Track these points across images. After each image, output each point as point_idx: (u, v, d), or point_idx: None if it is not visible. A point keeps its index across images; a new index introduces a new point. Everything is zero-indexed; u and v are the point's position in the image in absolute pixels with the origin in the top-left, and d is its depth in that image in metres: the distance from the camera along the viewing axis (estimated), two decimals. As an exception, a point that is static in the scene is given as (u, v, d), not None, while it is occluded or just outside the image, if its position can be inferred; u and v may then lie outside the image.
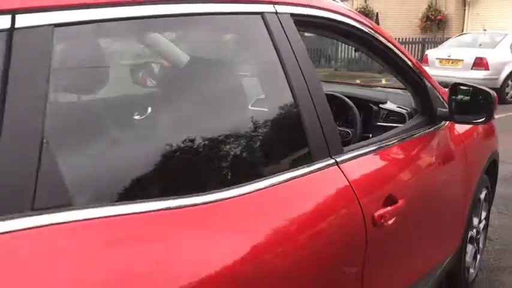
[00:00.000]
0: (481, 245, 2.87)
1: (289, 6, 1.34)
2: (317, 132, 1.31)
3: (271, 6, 1.27)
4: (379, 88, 3.48)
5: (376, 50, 1.82)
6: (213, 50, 1.34)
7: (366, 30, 1.68)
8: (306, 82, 1.30)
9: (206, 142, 1.08)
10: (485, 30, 10.95)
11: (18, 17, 0.75)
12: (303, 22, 1.39)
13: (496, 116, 3.54)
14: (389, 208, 1.45)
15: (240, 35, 1.35)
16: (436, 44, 13.97)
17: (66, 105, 0.99)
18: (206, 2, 1.11)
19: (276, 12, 1.28)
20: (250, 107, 1.42)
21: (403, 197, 1.55)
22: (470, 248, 2.66)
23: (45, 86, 0.76)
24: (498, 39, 10.06)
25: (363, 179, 1.43)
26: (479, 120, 1.97)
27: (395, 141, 1.74)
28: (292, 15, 1.33)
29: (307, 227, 1.16)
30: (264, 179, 1.12)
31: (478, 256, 2.85)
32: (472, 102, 1.98)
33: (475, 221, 2.66)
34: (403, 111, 2.20)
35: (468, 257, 2.64)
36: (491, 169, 2.76)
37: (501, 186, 4.46)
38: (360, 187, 1.37)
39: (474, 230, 2.68)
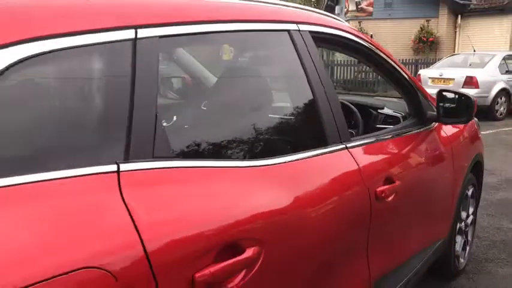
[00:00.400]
0: (469, 238, 3.20)
1: (307, 25, 1.71)
2: (331, 123, 1.67)
3: (295, 25, 1.65)
4: (376, 97, 3.85)
5: (375, 62, 2.20)
6: (259, 58, 1.71)
7: (367, 45, 2.06)
8: (322, 85, 1.66)
9: (259, 126, 1.47)
10: (474, 51, 11.46)
11: (139, 30, 1.11)
12: (318, 38, 1.76)
13: (486, 132, 3.85)
14: (388, 186, 1.80)
15: (274, 47, 1.71)
16: (428, 64, 14.53)
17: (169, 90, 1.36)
18: (250, 22, 1.48)
19: (299, 30, 1.65)
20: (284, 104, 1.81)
21: (399, 179, 1.91)
22: (459, 239, 3.00)
23: (156, 75, 1.11)
24: (487, 60, 10.54)
25: (367, 161, 1.78)
26: (462, 120, 2.34)
27: (392, 136, 2.10)
28: (310, 32, 1.71)
29: (328, 193, 1.52)
30: (298, 153, 1.49)
31: (467, 248, 3.18)
32: (456, 106, 2.35)
33: (463, 214, 3.00)
34: (398, 115, 2.56)
35: (458, 247, 2.98)
36: (477, 169, 3.11)
37: (491, 194, 4.83)
38: (365, 167, 1.73)
39: (463, 223, 3.02)
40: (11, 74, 0.88)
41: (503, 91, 10.21)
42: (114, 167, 0.98)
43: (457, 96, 2.39)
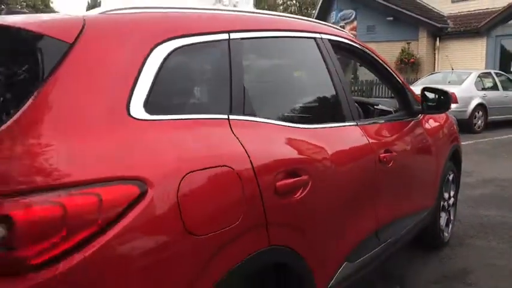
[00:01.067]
0: (451, 217, 3.81)
1: (327, 35, 2.34)
2: (346, 107, 2.28)
3: (319, 34, 2.27)
4: (371, 98, 4.52)
5: (374, 66, 2.83)
6: (298, 55, 2.32)
7: (369, 53, 2.70)
8: (340, 79, 2.28)
9: (309, 104, 2.11)
10: (453, 69, 12.32)
11: (231, 34, 1.71)
12: (333, 44, 2.38)
13: (465, 143, 4.56)
14: (388, 154, 2.41)
15: (306, 49, 2.32)
16: (410, 83, 15.38)
17: (255, 76, 1.94)
18: (293, 31, 2.11)
19: (321, 38, 2.28)
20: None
21: (395, 151, 2.52)
22: (443, 215, 3.60)
23: (241, 62, 1.71)
24: (464, 77, 11.37)
25: (372, 135, 2.39)
26: (441, 111, 2.98)
27: (386, 121, 2.73)
28: (328, 40, 2.33)
29: (350, 150, 2.15)
30: (331, 123, 2.15)
31: (450, 225, 3.79)
32: (437, 100, 2.99)
33: (446, 195, 3.62)
34: (390, 109, 3.19)
35: (442, 222, 3.59)
36: (456, 158, 3.74)
37: (470, 190, 5.48)
38: (371, 138, 2.34)
39: (446, 202, 3.63)
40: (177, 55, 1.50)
41: (480, 106, 11.02)
42: (226, 116, 1.58)
43: (436, 93, 3.02)
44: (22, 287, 1.00)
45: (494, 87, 11.86)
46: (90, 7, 69.73)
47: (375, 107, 3.24)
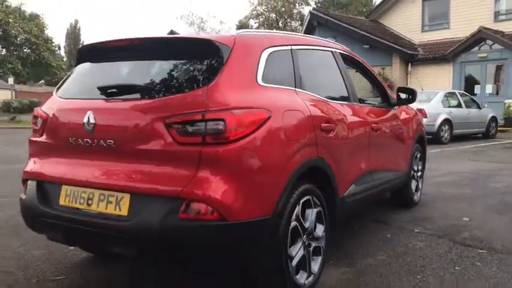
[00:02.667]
0: (420, 186, 5.22)
1: (338, 50, 3.75)
2: (352, 94, 3.67)
3: (333, 49, 3.68)
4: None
5: (365, 73, 4.25)
6: (323, 61, 3.68)
7: (362, 62, 4.13)
8: (349, 81, 3.68)
9: (333, 89, 3.51)
10: (422, 89, 13.98)
11: (293, 46, 3.08)
12: (342, 56, 3.78)
13: (434, 150, 6.30)
14: (376, 125, 3.81)
15: (325, 59, 3.69)
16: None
17: (304, 70, 3.28)
18: (319, 46, 3.51)
19: (335, 51, 3.68)
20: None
21: (381, 124, 3.92)
22: (413, 182, 5.01)
23: (298, 63, 3.07)
24: (432, 96, 13.02)
25: (366, 113, 3.78)
26: (411, 102, 4.40)
27: (375, 106, 4.14)
28: (339, 53, 3.74)
29: (356, 119, 3.54)
30: (345, 102, 3.56)
31: (419, 192, 5.19)
32: (407, 96, 4.41)
33: (415, 167, 5.03)
34: (375, 103, 4.60)
35: (413, 186, 4.98)
36: (421, 142, 5.16)
37: (435, 178, 6.92)
38: (366, 114, 3.73)
39: (415, 173, 5.03)
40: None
41: (446, 121, 12.65)
42: (294, 88, 2.93)
43: (407, 91, 4.45)
44: (227, 148, 2.31)
45: (459, 105, 13.56)
46: (70, 33, 71.01)
47: (364, 101, 4.65)
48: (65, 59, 43.67)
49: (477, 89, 18.80)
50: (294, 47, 3.11)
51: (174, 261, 2.61)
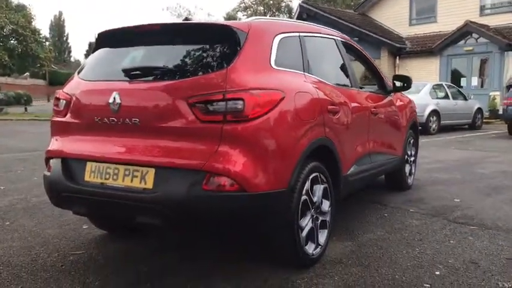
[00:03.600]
0: (413, 170, 5.47)
1: (339, 38, 3.95)
2: (353, 80, 3.89)
3: (335, 37, 3.88)
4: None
5: (364, 60, 4.47)
6: (327, 47, 3.88)
7: (361, 51, 4.34)
8: (351, 68, 3.89)
9: (336, 74, 3.72)
10: (411, 82, 14.29)
11: (300, 33, 3.27)
12: (343, 44, 3.99)
13: (423, 140, 6.64)
14: (375, 109, 4.03)
15: (329, 46, 3.89)
16: (374, 95, 17.35)
17: (310, 55, 3.47)
18: (323, 33, 3.70)
19: (337, 39, 3.89)
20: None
21: (377, 111, 4.14)
22: (407, 166, 5.26)
23: (306, 50, 3.26)
24: (420, 88, 13.32)
25: (367, 97, 4.00)
26: (406, 89, 4.63)
27: (373, 92, 4.36)
28: (341, 41, 3.95)
29: (358, 103, 3.75)
30: (348, 87, 3.76)
31: (412, 176, 5.45)
32: (402, 83, 4.64)
33: (409, 152, 5.27)
34: (372, 90, 4.83)
35: (407, 170, 5.24)
36: (414, 128, 5.41)
37: (426, 165, 7.19)
38: (366, 99, 3.95)
39: (408, 158, 5.28)
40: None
41: (434, 112, 12.99)
42: (303, 72, 3.13)
43: (402, 78, 4.68)
44: (246, 126, 2.50)
45: (446, 97, 13.91)
46: (54, 25, 69.96)
47: (362, 88, 4.88)
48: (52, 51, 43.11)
49: (463, 81, 19.23)
50: (301, 34, 3.31)
51: (197, 228, 2.80)
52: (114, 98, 2.70)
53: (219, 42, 2.78)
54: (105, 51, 3.14)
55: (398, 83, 4.71)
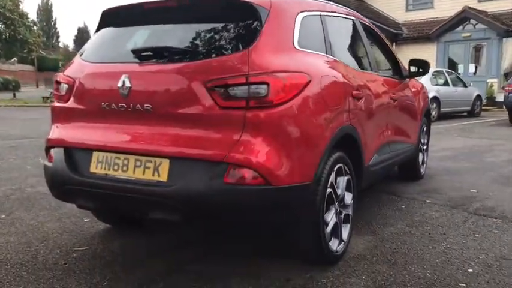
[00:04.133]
0: (425, 158, 5.28)
1: (359, 19, 3.70)
2: (373, 63, 3.65)
3: (354, 18, 3.63)
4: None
5: (380, 43, 4.22)
6: (346, 28, 3.63)
7: (379, 34, 4.09)
8: (370, 50, 3.64)
9: (356, 56, 3.47)
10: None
11: (322, 12, 3.01)
12: (362, 25, 3.74)
13: None
14: (393, 95, 3.81)
15: (349, 27, 3.64)
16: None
17: (332, 35, 3.22)
18: (343, 14, 3.45)
19: (356, 20, 3.64)
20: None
21: (396, 97, 3.91)
22: (421, 155, 5.06)
23: (328, 30, 3.01)
24: (420, 74, 13.14)
25: (386, 84, 3.77)
26: (422, 74, 4.40)
27: (389, 77, 4.12)
28: (360, 22, 3.70)
29: (379, 87, 3.52)
30: (368, 71, 3.51)
31: (424, 165, 5.25)
32: (419, 67, 4.41)
33: (422, 140, 5.07)
34: (388, 75, 4.60)
35: (420, 160, 5.04)
36: (428, 115, 5.21)
37: (435, 153, 7.02)
38: (387, 86, 3.72)
39: (422, 146, 5.08)
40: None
41: (434, 99, 12.79)
42: (325, 54, 2.88)
43: (419, 62, 4.44)
44: (270, 112, 2.26)
45: (446, 84, 13.74)
46: (42, 9, 68.43)
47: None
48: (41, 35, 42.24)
49: (460, 68, 19.08)
50: (322, 13, 3.05)
51: (217, 224, 2.57)
52: (124, 82, 2.44)
53: (238, 20, 2.52)
54: (110, 30, 2.87)
55: (414, 68, 4.49)
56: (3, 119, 14.31)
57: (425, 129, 5.15)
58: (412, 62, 4.46)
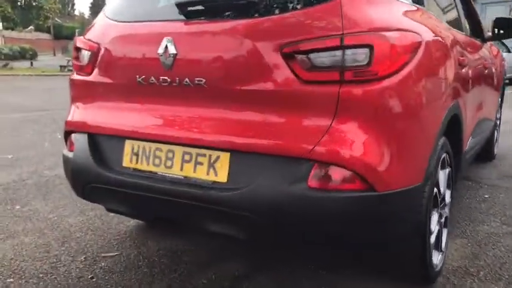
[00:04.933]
0: (497, 135, 4.55)
1: None
2: (465, 28, 2.91)
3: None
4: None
5: (466, 4, 3.42)
6: None
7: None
8: (459, 5, 2.90)
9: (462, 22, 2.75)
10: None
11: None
12: None
13: None
14: (485, 62, 3.06)
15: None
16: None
17: None
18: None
19: None
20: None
21: (486, 64, 3.16)
22: (495, 133, 4.33)
23: None
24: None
25: (479, 49, 3.03)
26: (507, 36, 3.61)
27: (474, 40, 3.36)
28: None
29: (480, 59, 2.82)
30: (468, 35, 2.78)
31: (497, 143, 4.53)
32: (505, 28, 3.62)
33: (498, 115, 4.33)
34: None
35: (494, 139, 4.32)
36: (503, 85, 4.45)
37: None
38: (480, 51, 2.98)
39: (496, 122, 4.35)
40: None
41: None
42: (423, 9, 2.18)
43: (507, 21, 3.64)
44: (375, 88, 1.59)
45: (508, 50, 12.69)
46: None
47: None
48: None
49: (499, 32, 17.85)
50: None
51: (297, 241, 1.94)
52: (166, 47, 1.79)
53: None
54: None
55: (497, 29, 3.70)
56: (21, 89, 13.86)
57: (500, 102, 4.41)
58: (498, 21, 3.67)
